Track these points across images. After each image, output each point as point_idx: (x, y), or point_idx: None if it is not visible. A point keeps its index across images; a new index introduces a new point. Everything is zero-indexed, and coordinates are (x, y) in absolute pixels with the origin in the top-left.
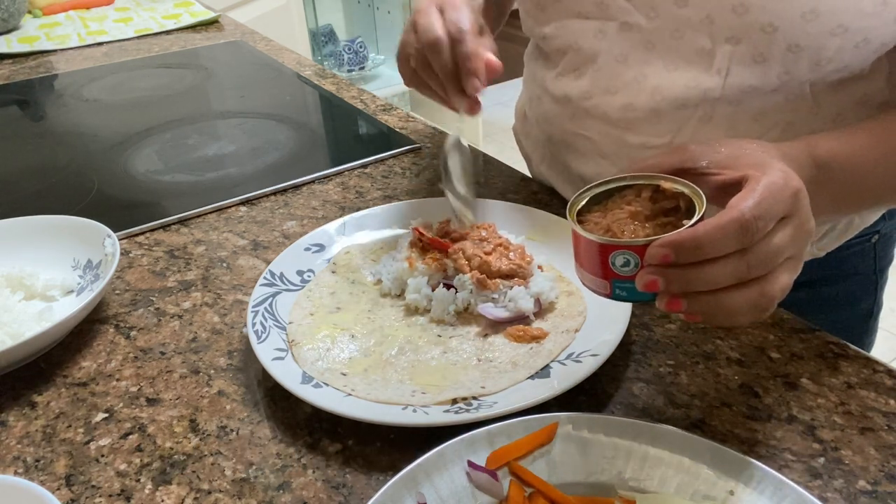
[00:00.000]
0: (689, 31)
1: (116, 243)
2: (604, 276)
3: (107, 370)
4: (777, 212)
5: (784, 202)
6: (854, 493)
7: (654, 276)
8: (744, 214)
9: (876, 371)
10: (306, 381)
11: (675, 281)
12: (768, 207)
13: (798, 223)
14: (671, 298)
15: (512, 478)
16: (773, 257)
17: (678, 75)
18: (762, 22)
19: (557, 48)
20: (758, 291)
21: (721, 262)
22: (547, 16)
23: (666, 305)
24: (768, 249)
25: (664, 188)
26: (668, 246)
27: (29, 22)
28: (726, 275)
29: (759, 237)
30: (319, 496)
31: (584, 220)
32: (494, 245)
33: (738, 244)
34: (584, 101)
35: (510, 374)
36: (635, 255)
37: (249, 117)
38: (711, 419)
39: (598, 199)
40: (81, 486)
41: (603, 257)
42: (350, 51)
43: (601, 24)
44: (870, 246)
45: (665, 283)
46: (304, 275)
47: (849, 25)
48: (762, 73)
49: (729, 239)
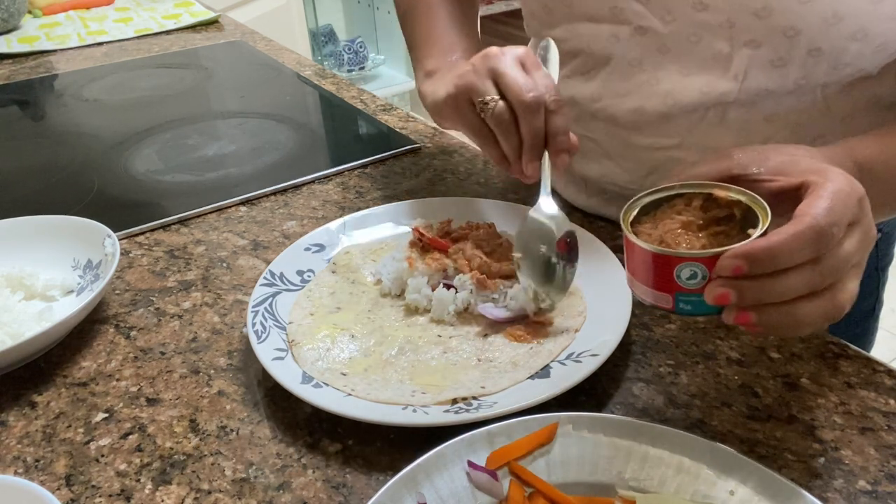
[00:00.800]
0: (707, 36)
1: (116, 243)
2: (667, 290)
3: (107, 370)
4: (846, 219)
5: (852, 208)
6: (854, 493)
7: (725, 288)
8: (819, 222)
9: (876, 371)
10: (306, 381)
11: (747, 293)
12: (841, 214)
13: (864, 229)
14: (740, 311)
15: (512, 478)
16: (844, 265)
17: (693, 80)
18: (784, 26)
19: (566, 51)
20: (829, 300)
21: (795, 272)
22: (555, 19)
23: (735, 319)
24: (840, 257)
25: (717, 196)
26: (741, 257)
27: (29, 22)
28: (800, 285)
29: (833, 245)
30: (319, 496)
31: (635, 232)
32: (495, 245)
33: (813, 253)
34: (592, 103)
35: (510, 374)
36: (704, 266)
37: (249, 117)
38: (711, 419)
39: (646, 210)
40: (81, 486)
41: (667, 270)
42: (350, 51)
43: (614, 28)
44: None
45: (737, 296)
46: (304, 275)
47: (870, 29)
48: (780, 76)
49: (805, 248)
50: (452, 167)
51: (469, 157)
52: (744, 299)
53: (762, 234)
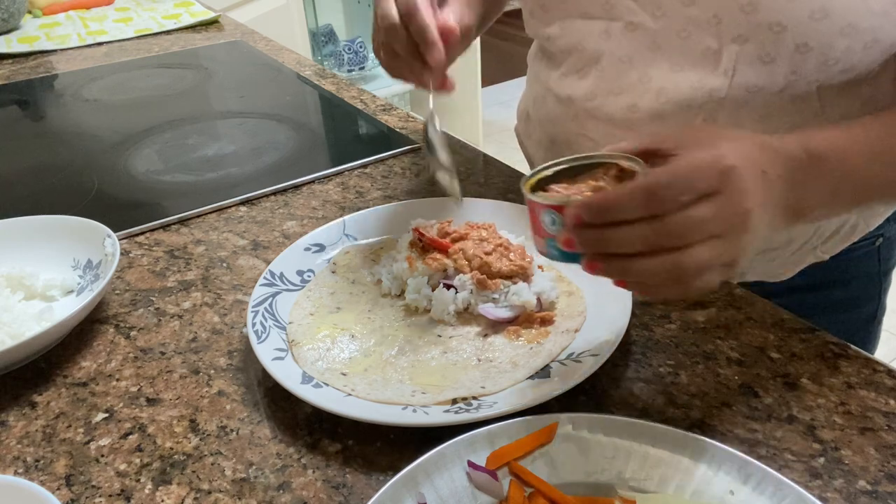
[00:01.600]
0: (695, 31)
1: (116, 243)
2: (539, 234)
3: (107, 370)
4: (697, 187)
5: (707, 179)
6: (854, 493)
7: (569, 235)
8: (651, 182)
9: (876, 371)
10: (306, 381)
11: (587, 241)
12: (682, 179)
13: (725, 200)
14: (590, 260)
15: (512, 478)
16: (689, 229)
17: (684, 76)
18: (770, 21)
19: (562, 48)
20: (670, 261)
21: (629, 227)
22: (551, 16)
23: (586, 266)
24: (682, 220)
25: (624, 167)
26: (579, 207)
27: (29, 22)
28: (634, 238)
29: (668, 206)
30: (319, 496)
31: (547, 189)
32: (495, 245)
33: (644, 210)
34: (587, 101)
35: (510, 374)
36: (558, 214)
37: (249, 117)
38: (711, 419)
39: (569, 174)
40: (81, 486)
41: (535, 215)
42: (350, 51)
43: (606, 25)
44: (874, 249)
45: (579, 243)
46: (304, 275)
47: (858, 25)
48: (769, 73)
49: (635, 203)
50: None
51: (469, 157)
52: (585, 246)
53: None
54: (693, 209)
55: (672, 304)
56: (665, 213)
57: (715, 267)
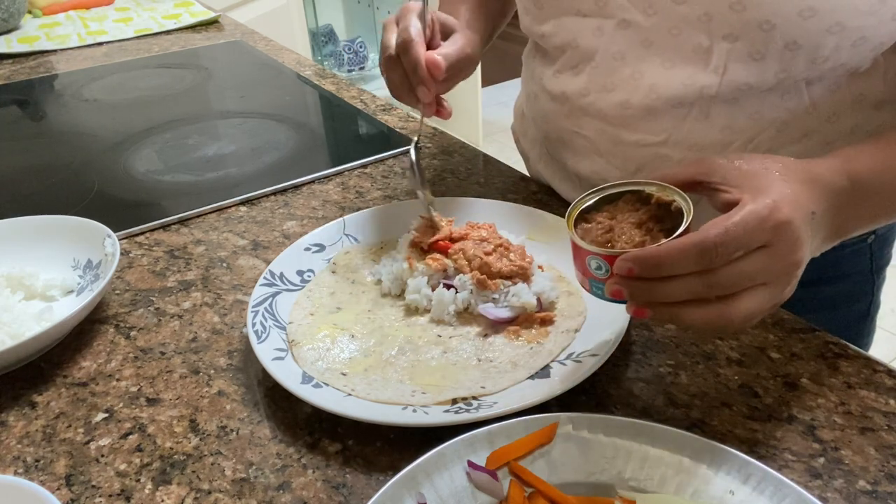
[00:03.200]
0: (686, 29)
1: (116, 243)
2: (583, 274)
3: (107, 370)
4: (750, 241)
5: (762, 232)
6: (854, 493)
7: (618, 286)
8: (705, 240)
9: (876, 371)
10: (306, 381)
11: (637, 293)
12: (737, 236)
13: (776, 253)
14: (636, 307)
15: (512, 478)
16: (737, 282)
17: (675, 73)
18: (759, 19)
19: (556, 46)
20: (716, 312)
21: (679, 280)
22: (545, 14)
23: (633, 312)
24: (731, 274)
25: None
26: (631, 261)
27: (29, 22)
28: (682, 292)
29: (720, 262)
30: (319, 496)
31: (590, 219)
32: (495, 246)
33: (696, 266)
34: (580, 98)
35: (510, 374)
36: (606, 262)
37: (249, 117)
38: (711, 419)
39: (610, 199)
40: (81, 486)
41: (581, 258)
42: (350, 51)
43: (599, 22)
44: (866, 246)
45: (629, 295)
46: (304, 275)
47: (846, 23)
48: (759, 70)
49: (688, 260)
50: (452, 167)
51: (469, 157)
52: (633, 297)
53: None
54: (744, 262)
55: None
56: (717, 267)
57: (761, 313)
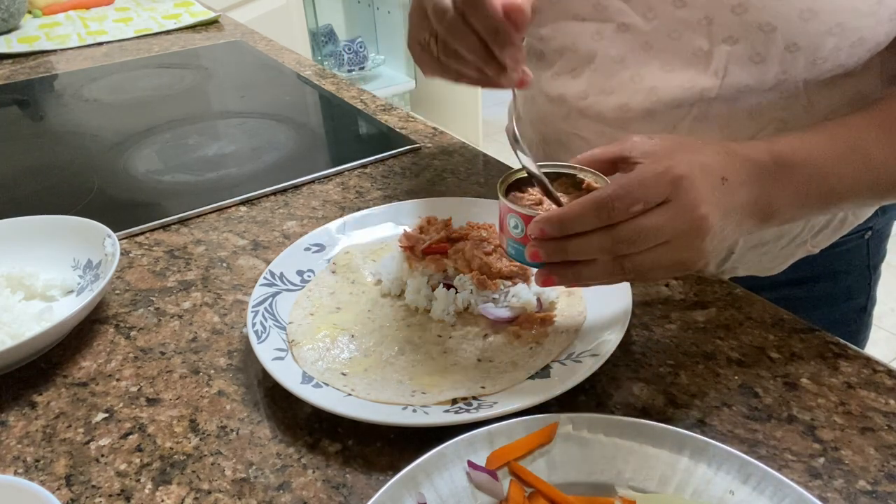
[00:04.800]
0: (686, 32)
1: (116, 243)
2: (502, 231)
3: (107, 370)
4: (646, 194)
5: (656, 189)
6: (854, 493)
7: (534, 248)
8: (601, 195)
9: (876, 371)
10: (306, 381)
11: (550, 252)
12: (631, 189)
13: (675, 207)
14: (546, 276)
15: (512, 478)
16: (640, 236)
17: (674, 76)
18: (761, 21)
19: (554, 49)
20: (614, 265)
21: (587, 238)
22: (543, 17)
23: (542, 282)
24: (633, 228)
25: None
26: (542, 222)
27: (29, 22)
28: (592, 249)
29: (619, 216)
30: (319, 496)
31: (524, 191)
32: (495, 246)
33: (597, 221)
34: (579, 101)
35: (510, 374)
36: (522, 221)
37: (249, 117)
38: (711, 419)
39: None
40: (81, 486)
41: (503, 216)
42: (350, 51)
43: (598, 26)
44: (863, 242)
45: (544, 254)
46: (304, 275)
47: (846, 24)
48: (759, 72)
49: (589, 216)
50: (452, 167)
51: (469, 157)
52: (549, 256)
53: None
54: (645, 217)
55: (672, 304)
56: (617, 222)
57: (662, 268)
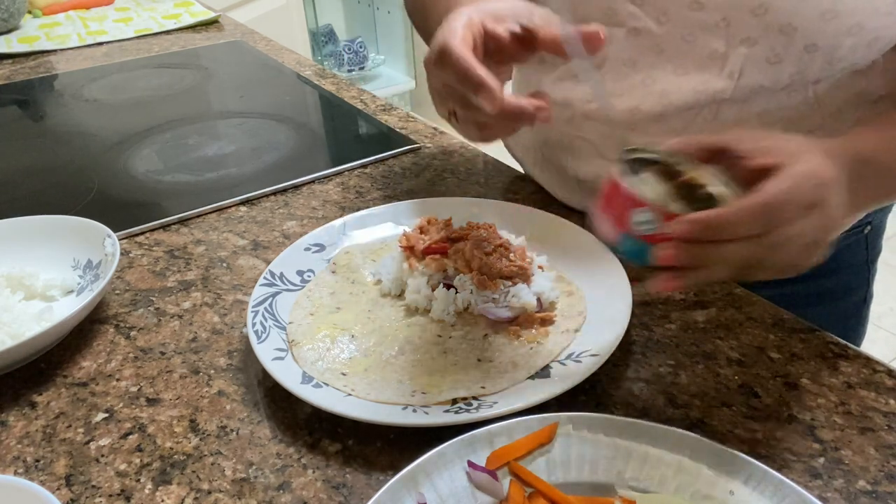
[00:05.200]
0: (702, 35)
1: (116, 243)
2: (619, 226)
3: (107, 370)
4: (804, 200)
5: (812, 190)
6: (854, 493)
7: (671, 250)
8: (771, 200)
9: (876, 371)
10: (306, 381)
11: (690, 256)
12: (796, 195)
13: (822, 211)
14: (668, 280)
15: (512, 478)
16: (789, 242)
17: (687, 79)
18: (781, 22)
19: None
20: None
21: (739, 244)
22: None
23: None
24: (787, 234)
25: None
26: (695, 222)
27: (29, 22)
28: (739, 256)
29: (781, 223)
30: (319, 496)
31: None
32: (495, 246)
33: (761, 227)
34: (586, 104)
35: (510, 374)
36: (657, 217)
37: (249, 117)
38: (711, 419)
39: (646, 163)
40: (81, 486)
41: (624, 208)
42: (350, 51)
43: (608, 31)
44: (862, 237)
45: (683, 258)
46: (304, 275)
47: (865, 24)
48: (775, 73)
49: (755, 221)
50: (452, 167)
51: (469, 157)
52: (688, 261)
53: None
54: (799, 223)
55: (672, 304)
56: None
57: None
